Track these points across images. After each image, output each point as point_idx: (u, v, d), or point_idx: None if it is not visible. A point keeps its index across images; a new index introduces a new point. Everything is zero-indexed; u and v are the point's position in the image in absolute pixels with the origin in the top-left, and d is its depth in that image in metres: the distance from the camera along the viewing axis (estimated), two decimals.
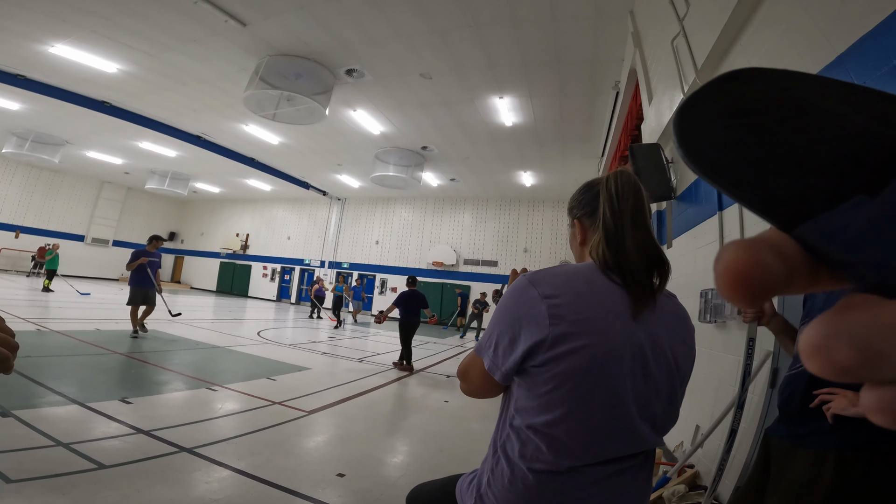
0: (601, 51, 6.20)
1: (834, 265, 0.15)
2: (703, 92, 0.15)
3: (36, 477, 2.02)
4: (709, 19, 2.72)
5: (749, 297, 0.14)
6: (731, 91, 0.15)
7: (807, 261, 0.15)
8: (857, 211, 0.13)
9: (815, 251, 0.15)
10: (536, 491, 0.77)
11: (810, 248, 0.15)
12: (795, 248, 0.15)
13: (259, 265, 20.38)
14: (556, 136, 9.56)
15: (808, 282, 0.15)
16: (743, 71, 0.15)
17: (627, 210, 0.81)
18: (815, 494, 1.14)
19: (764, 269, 0.14)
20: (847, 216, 0.13)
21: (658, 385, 0.79)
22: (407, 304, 6.26)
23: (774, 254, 0.14)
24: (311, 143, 11.66)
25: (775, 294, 0.15)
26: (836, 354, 0.13)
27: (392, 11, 5.80)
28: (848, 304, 0.14)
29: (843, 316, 0.13)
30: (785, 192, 0.14)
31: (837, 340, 0.13)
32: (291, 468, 2.54)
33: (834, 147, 0.14)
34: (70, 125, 11.90)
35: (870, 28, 1.46)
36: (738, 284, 0.14)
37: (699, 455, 2.70)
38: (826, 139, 0.14)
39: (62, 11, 6.35)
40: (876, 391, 0.13)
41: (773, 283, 0.14)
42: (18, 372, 3.61)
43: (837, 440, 1.14)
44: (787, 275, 0.14)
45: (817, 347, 0.13)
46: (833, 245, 0.14)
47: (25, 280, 14.39)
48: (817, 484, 1.15)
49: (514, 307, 0.79)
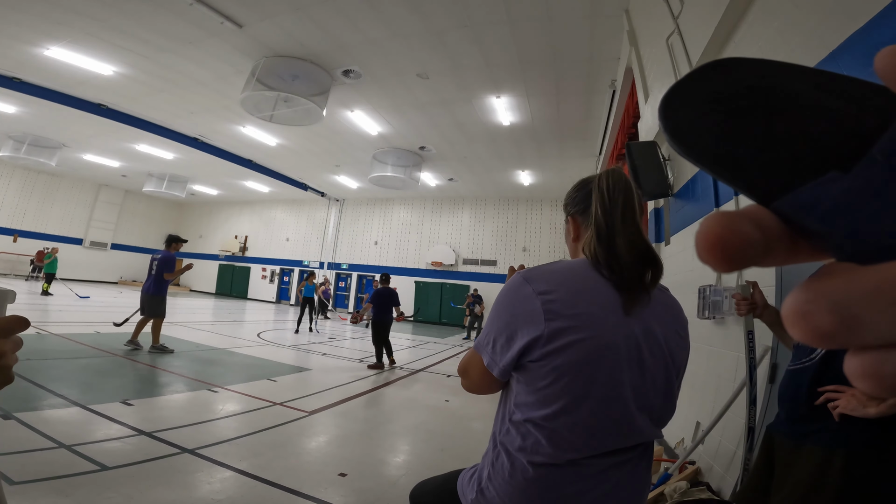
0: (597, 49, 6.22)
1: (811, 236, 0.16)
2: (688, 79, 0.17)
3: (39, 479, 2.02)
4: (703, 17, 2.74)
5: (726, 260, 0.15)
6: (714, 79, 0.16)
7: (785, 233, 0.16)
8: (830, 185, 0.14)
9: (792, 224, 0.16)
10: (536, 484, 0.78)
11: (788, 220, 0.16)
12: (774, 220, 0.16)
13: (258, 267, 20.36)
14: (554, 134, 9.58)
15: (787, 253, 0.16)
16: (725, 60, 0.16)
17: (618, 207, 0.83)
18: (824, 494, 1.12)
19: (740, 236, 0.15)
20: (821, 190, 0.14)
21: (654, 377, 0.80)
22: (378, 302, 6.15)
23: (751, 223, 0.15)
24: (308, 144, 11.66)
25: (753, 262, 0.15)
26: (816, 320, 0.13)
27: (388, 12, 5.81)
28: (826, 271, 0.14)
29: (821, 282, 0.14)
30: (763, 170, 0.15)
31: (817, 305, 0.13)
32: (293, 468, 2.55)
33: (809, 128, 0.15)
34: (66, 128, 11.88)
35: (862, 24, 1.47)
36: (716, 248, 0.15)
37: (700, 451, 2.71)
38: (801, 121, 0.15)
39: (56, 14, 6.34)
40: (858, 357, 0.13)
41: (750, 249, 0.15)
42: (19, 375, 3.61)
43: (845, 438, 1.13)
44: (764, 244, 0.15)
45: (799, 313, 0.14)
46: (809, 217, 0.15)
47: (24, 284, 14.35)
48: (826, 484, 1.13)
49: (510, 304, 0.81)
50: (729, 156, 0.16)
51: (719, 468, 2.48)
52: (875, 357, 0.13)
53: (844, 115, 0.14)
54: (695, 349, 3.20)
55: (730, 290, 2.69)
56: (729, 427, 2.47)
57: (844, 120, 0.14)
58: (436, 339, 11.15)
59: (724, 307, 2.73)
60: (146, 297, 5.55)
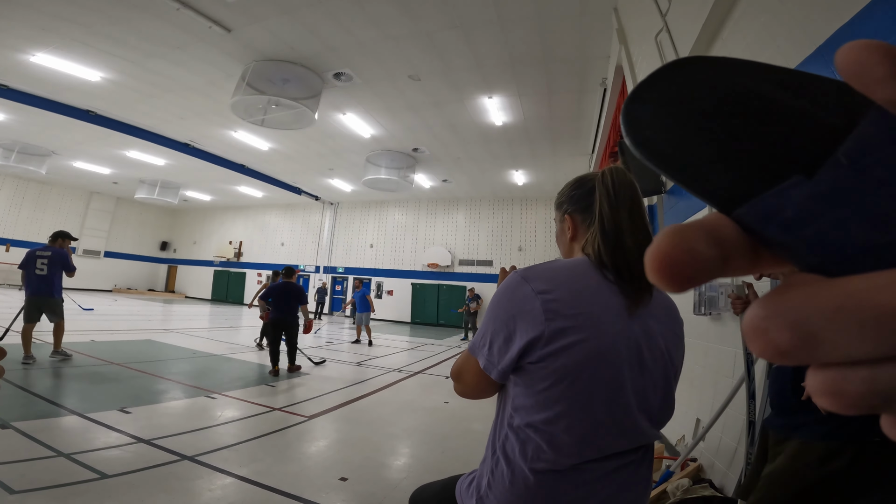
0: (587, 48, 6.25)
1: (773, 246, 0.15)
2: (650, 81, 0.16)
3: (39, 487, 2.01)
4: (691, 14, 2.76)
5: (676, 282, 0.14)
6: (675, 80, 0.15)
7: (746, 243, 0.15)
8: (793, 191, 0.13)
9: (754, 233, 0.15)
10: (538, 491, 0.76)
11: (749, 229, 0.15)
12: (734, 230, 0.15)
13: (254, 272, 20.25)
14: (547, 134, 9.61)
15: (748, 263, 0.15)
16: (687, 59, 0.16)
17: (625, 206, 0.81)
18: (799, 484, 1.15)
19: (691, 255, 0.14)
20: (784, 197, 0.14)
21: (654, 377, 0.79)
22: (277, 299, 5.43)
23: (706, 238, 0.15)
24: (301, 147, 11.62)
25: (709, 277, 0.15)
26: (773, 337, 0.13)
27: (378, 14, 5.81)
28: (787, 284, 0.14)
29: (780, 297, 0.13)
30: (724, 175, 0.15)
31: (775, 322, 0.13)
32: (294, 474, 2.54)
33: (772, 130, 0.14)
34: (55, 135, 11.76)
35: (847, 19, 1.49)
36: (664, 270, 0.14)
37: (701, 448, 2.72)
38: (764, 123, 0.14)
39: (41, 20, 6.27)
40: (819, 374, 0.13)
41: (703, 267, 0.14)
42: (16, 384, 3.58)
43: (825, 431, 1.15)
44: (720, 258, 0.15)
45: (756, 329, 0.13)
46: (770, 227, 0.14)
47: (18, 293, 14.20)
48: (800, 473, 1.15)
49: (509, 304, 0.78)
50: (688, 161, 0.15)
51: (721, 465, 2.50)
52: (836, 375, 0.13)
53: (809, 115, 0.14)
54: (692, 346, 3.23)
55: (725, 287, 2.72)
56: (729, 423, 2.48)
57: (809, 121, 0.14)
58: (433, 340, 11.15)
59: (720, 303, 2.75)
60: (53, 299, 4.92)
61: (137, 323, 9.43)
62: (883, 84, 0.13)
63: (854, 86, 0.13)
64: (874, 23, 1.37)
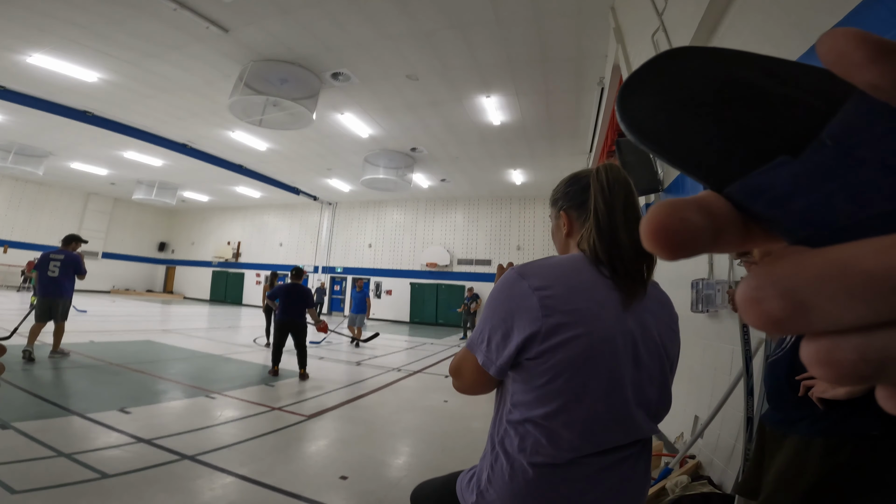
0: (585, 47, 6.26)
1: (762, 221, 0.16)
2: (642, 70, 0.17)
3: (40, 487, 2.02)
4: (687, 12, 2.78)
5: (670, 248, 0.15)
6: (666, 69, 0.17)
7: (738, 219, 0.16)
8: (780, 170, 0.15)
9: (744, 209, 0.16)
10: (537, 485, 0.77)
11: (740, 206, 0.16)
12: (726, 206, 0.16)
13: (252, 273, 20.23)
14: (545, 133, 9.62)
15: (740, 238, 0.16)
16: (677, 50, 0.17)
17: (620, 201, 0.82)
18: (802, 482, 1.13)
19: (684, 223, 0.15)
20: (772, 175, 0.15)
21: (651, 372, 0.80)
22: (284, 300, 5.28)
23: (699, 211, 0.15)
24: (299, 148, 11.61)
25: (701, 249, 0.15)
26: (766, 306, 0.13)
27: (376, 14, 5.81)
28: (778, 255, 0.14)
29: (772, 267, 0.14)
30: (716, 156, 0.16)
31: (767, 291, 0.13)
32: (294, 473, 2.55)
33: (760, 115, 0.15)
34: (52, 136, 11.73)
35: (842, 16, 1.51)
36: (659, 236, 0.15)
37: (700, 445, 2.73)
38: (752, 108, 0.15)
39: (37, 20, 6.25)
40: (812, 343, 0.13)
41: (695, 237, 0.15)
42: (15, 385, 3.57)
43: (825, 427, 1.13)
44: (712, 230, 0.15)
45: (750, 300, 0.14)
46: (759, 202, 0.15)
47: (16, 295, 14.19)
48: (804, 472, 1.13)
49: (506, 300, 0.79)
50: (681, 144, 0.16)
51: (720, 462, 2.51)
52: (828, 343, 0.13)
53: (793, 100, 0.15)
54: (690, 343, 3.23)
55: (722, 284, 2.73)
56: (727, 420, 2.49)
57: (794, 105, 0.15)
58: (433, 339, 11.16)
59: (717, 300, 2.76)
60: (63, 301, 5.10)
61: (136, 324, 9.42)
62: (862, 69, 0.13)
63: (835, 72, 0.14)
64: (870, 18, 1.39)
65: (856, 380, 0.13)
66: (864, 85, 0.14)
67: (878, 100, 0.13)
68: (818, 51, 0.14)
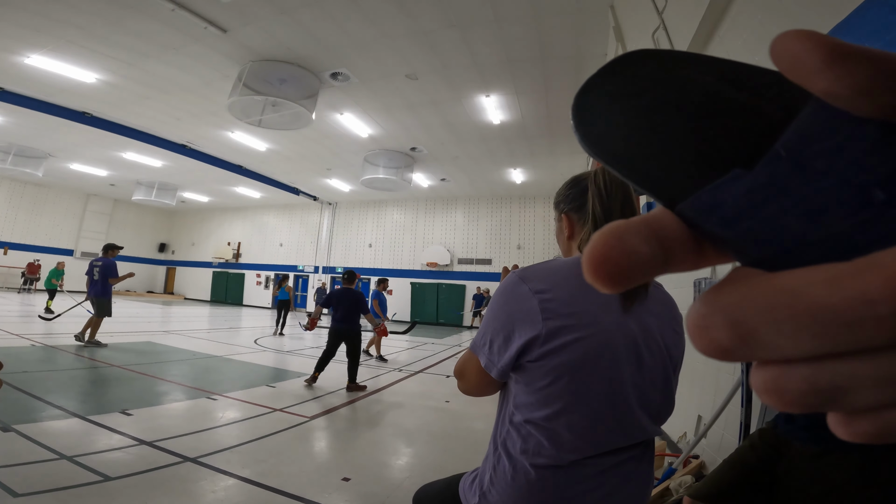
0: (584, 46, 6.26)
1: (714, 241, 0.15)
2: (597, 76, 0.16)
3: (42, 490, 2.01)
4: (687, 11, 2.77)
5: (611, 282, 0.14)
6: (622, 73, 0.15)
7: (690, 238, 0.15)
8: (733, 184, 0.13)
9: (696, 227, 0.15)
10: (539, 486, 0.77)
11: (692, 224, 0.15)
12: (678, 225, 0.15)
13: (252, 273, 20.24)
14: (544, 132, 9.62)
15: (692, 259, 0.15)
16: (633, 53, 0.15)
17: (617, 204, 0.83)
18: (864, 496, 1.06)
19: (626, 254, 0.14)
20: (724, 190, 0.14)
21: (653, 374, 0.80)
22: (338, 307, 4.99)
23: (645, 236, 0.14)
24: (299, 148, 11.60)
25: (650, 275, 0.14)
26: (713, 334, 0.13)
27: (374, 13, 5.80)
28: (728, 279, 0.13)
29: (720, 293, 0.13)
30: (666, 170, 0.14)
31: (714, 320, 0.13)
32: (296, 474, 2.54)
33: (712, 124, 0.14)
34: (51, 137, 11.73)
35: (843, 16, 1.50)
36: (600, 270, 0.14)
37: (703, 445, 2.72)
38: (705, 116, 0.14)
39: (34, 21, 6.25)
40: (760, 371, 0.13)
41: (640, 266, 0.14)
42: (16, 387, 3.57)
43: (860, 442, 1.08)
44: (661, 255, 0.14)
45: (697, 327, 0.13)
46: (711, 220, 0.14)
47: (17, 296, 14.20)
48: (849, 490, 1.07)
49: (507, 304, 0.80)
50: (633, 155, 0.15)
51: None
52: (776, 372, 0.12)
53: (749, 108, 0.14)
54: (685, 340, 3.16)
55: None
56: (731, 420, 2.48)
57: (748, 113, 0.14)
58: (434, 339, 11.16)
59: None
60: (96, 300, 6.12)
61: (137, 325, 9.41)
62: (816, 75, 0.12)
63: (790, 78, 0.13)
64: (869, 20, 1.38)
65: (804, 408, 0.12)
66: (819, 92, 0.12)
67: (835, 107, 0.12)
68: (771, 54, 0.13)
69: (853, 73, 0.12)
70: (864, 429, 0.13)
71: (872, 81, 0.12)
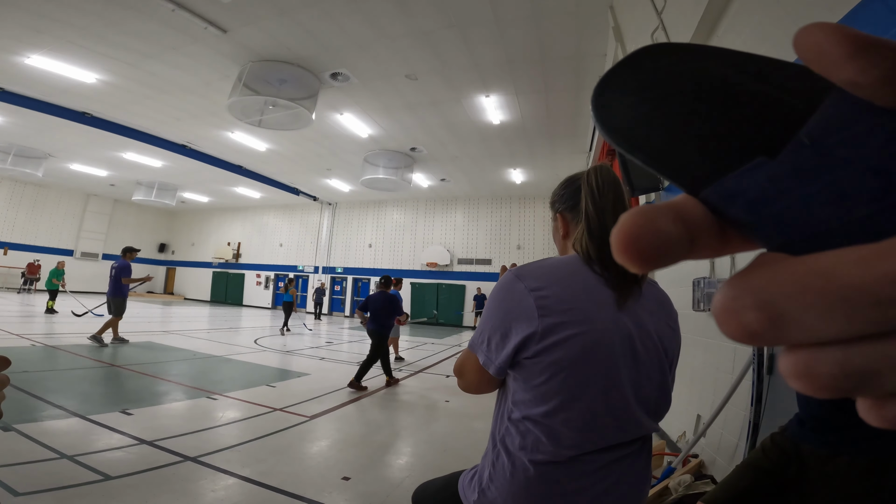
0: (584, 46, 6.26)
1: (739, 226, 0.15)
2: (618, 67, 0.16)
3: (43, 489, 2.02)
4: (686, 11, 2.78)
5: (640, 261, 0.14)
6: (643, 66, 0.16)
7: (714, 224, 0.15)
8: (757, 172, 0.14)
9: (720, 213, 0.15)
10: (538, 482, 0.78)
11: (715, 210, 0.15)
12: (702, 211, 0.15)
13: (252, 273, 20.24)
14: (544, 132, 9.62)
15: (717, 244, 0.16)
16: (654, 46, 0.16)
17: (609, 203, 0.83)
18: None
19: (656, 234, 0.14)
20: (748, 177, 0.14)
21: (649, 370, 0.81)
22: (376, 310, 5.20)
23: (672, 218, 0.15)
24: (298, 148, 11.61)
25: (676, 258, 0.15)
26: (743, 318, 0.12)
27: (374, 13, 5.80)
28: (755, 264, 0.14)
29: (749, 277, 0.13)
30: (690, 158, 0.15)
31: (744, 302, 0.13)
32: (296, 473, 2.55)
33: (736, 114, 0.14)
34: (51, 137, 11.73)
35: (842, 15, 1.50)
36: (629, 248, 0.14)
37: (702, 444, 2.73)
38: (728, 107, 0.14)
39: (34, 21, 6.25)
40: (790, 356, 0.13)
41: (668, 247, 0.14)
42: (18, 387, 3.57)
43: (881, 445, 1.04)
44: (687, 238, 0.15)
45: (726, 311, 0.13)
46: (735, 206, 0.14)
47: (16, 296, 14.20)
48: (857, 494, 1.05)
49: (503, 302, 0.81)
50: (656, 144, 0.15)
51: (722, 461, 2.50)
52: (807, 356, 0.12)
53: (771, 98, 0.14)
54: (692, 342, 3.22)
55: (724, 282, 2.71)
56: (730, 419, 2.49)
57: (771, 104, 0.14)
58: (433, 339, 11.17)
59: None
60: (111, 299, 6.50)
61: (137, 325, 9.41)
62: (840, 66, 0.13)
63: (813, 69, 0.13)
64: (869, 18, 1.38)
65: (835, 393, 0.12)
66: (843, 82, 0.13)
67: (858, 97, 0.13)
68: (795, 47, 0.13)
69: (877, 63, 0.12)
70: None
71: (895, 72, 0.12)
